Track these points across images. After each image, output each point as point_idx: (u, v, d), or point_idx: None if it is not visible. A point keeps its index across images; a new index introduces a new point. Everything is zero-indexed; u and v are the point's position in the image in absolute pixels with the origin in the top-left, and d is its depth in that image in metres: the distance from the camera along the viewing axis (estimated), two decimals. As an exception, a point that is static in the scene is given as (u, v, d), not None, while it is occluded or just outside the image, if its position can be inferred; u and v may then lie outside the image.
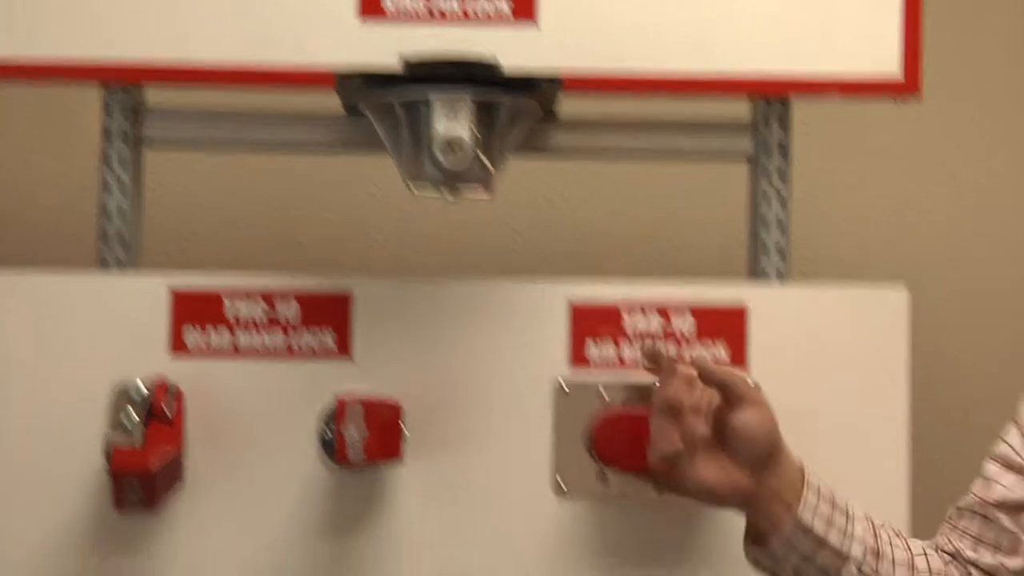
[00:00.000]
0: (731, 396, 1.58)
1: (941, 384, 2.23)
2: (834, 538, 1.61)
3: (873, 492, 1.77)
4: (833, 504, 1.62)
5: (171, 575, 1.77)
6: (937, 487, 2.06)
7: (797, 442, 1.75)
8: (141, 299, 1.78)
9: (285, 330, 1.79)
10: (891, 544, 1.65)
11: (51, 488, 1.76)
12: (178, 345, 1.78)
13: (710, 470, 1.59)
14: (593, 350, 1.80)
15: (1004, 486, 1.64)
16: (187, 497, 1.76)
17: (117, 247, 1.83)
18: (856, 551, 1.61)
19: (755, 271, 1.86)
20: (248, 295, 1.79)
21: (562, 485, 1.77)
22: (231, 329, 1.79)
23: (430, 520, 1.78)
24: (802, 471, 1.62)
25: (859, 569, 1.62)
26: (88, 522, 1.76)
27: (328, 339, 1.79)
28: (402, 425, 1.74)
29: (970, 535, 1.66)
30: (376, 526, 1.77)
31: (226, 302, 1.79)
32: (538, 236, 2.22)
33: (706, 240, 2.23)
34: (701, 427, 1.58)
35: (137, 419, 1.71)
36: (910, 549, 1.66)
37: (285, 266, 2.20)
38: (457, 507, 1.78)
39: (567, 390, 1.78)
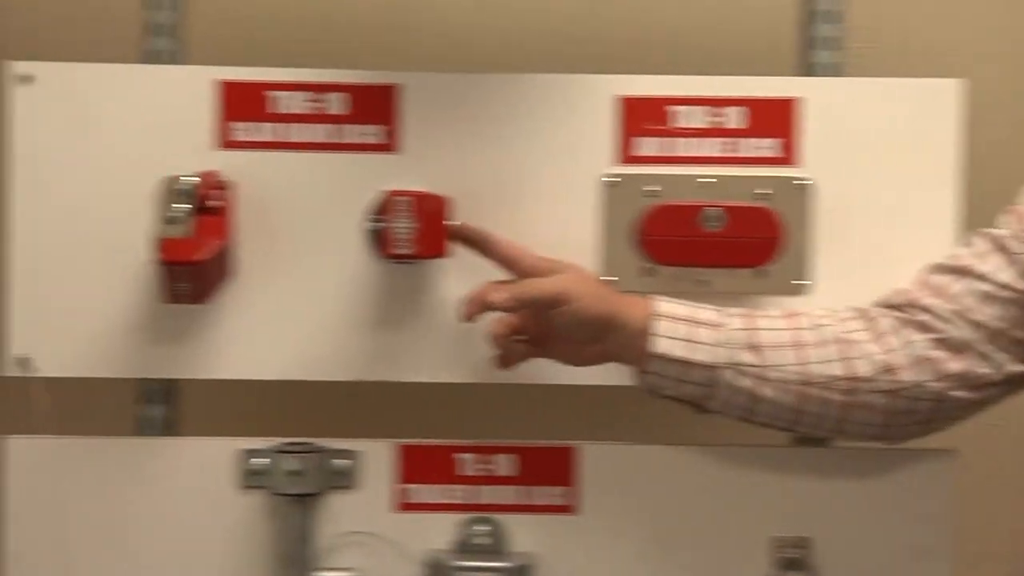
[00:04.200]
0: (540, 308, 1.67)
1: (990, 180, 2.19)
2: (700, 355, 1.65)
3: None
4: (693, 321, 1.66)
5: (220, 365, 1.79)
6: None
7: (847, 234, 1.76)
8: (188, 91, 1.78)
9: (332, 122, 1.78)
10: (773, 329, 1.67)
11: (103, 281, 1.78)
12: (225, 137, 1.78)
13: (559, 351, 1.71)
14: (641, 144, 1.79)
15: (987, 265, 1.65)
16: (236, 289, 1.78)
17: (163, 39, 1.82)
18: (727, 357, 1.65)
19: (807, 64, 1.83)
20: (295, 87, 1.78)
21: (609, 280, 1.77)
22: (278, 121, 1.78)
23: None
24: (649, 306, 1.66)
25: (738, 371, 1.65)
26: (139, 314, 1.78)
27: (376, 132, 1.79)
28: (449, 219, 1.74)
29: (931, 286, 1.68)
30: (422, 318, 1.78)
31: (273, 94, 1.78)
32: (585, 29, 2.18)
33: (756, 34, 2.19)
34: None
35: (185, 211, 1.72)
36: (799, 327, 1.68)
37: (332, 62, 2.19)
38: (504, 300, 1.78)
39: (614, 185, 1.77)
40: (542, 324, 1.70)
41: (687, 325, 1.66)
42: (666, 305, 1.67)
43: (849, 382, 1.66)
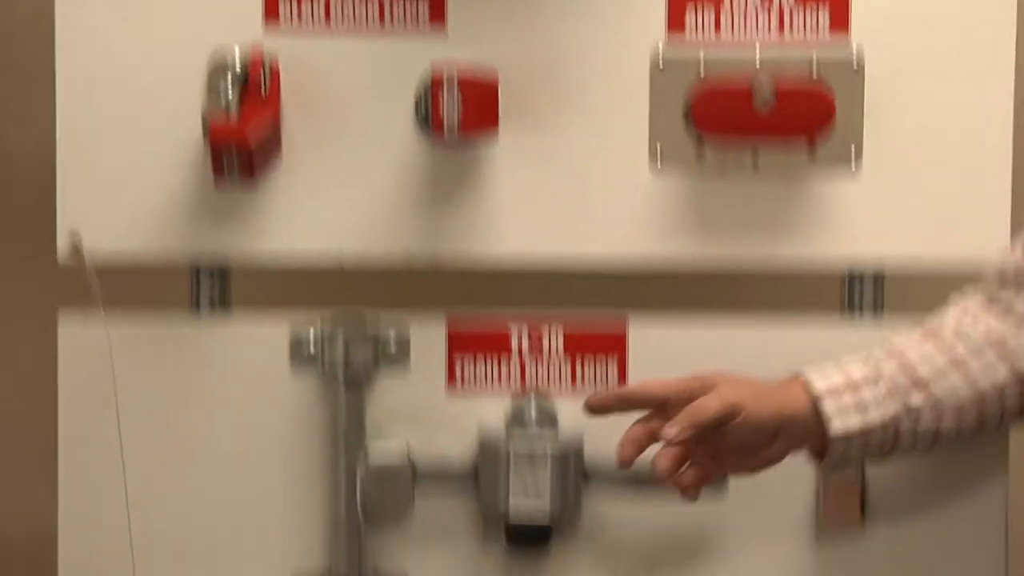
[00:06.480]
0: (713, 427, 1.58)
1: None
2: (874, 418, 1.61)
3: (976, 155, 1.77)
4: (853, 386, 1.61)
5: (268, 246, 1.79)
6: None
7: (899, 114, 1.74)
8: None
9: (379, 1, 1.76)
10: (926, 358, 1.63)
11: (153, 160, 1.78)
12: (271, 16, 1.76)
13: (735, 463, 1.62)
14: (692, 18, 1.76)
15: None
16: (284, 170, 1.77)
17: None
18: (899, 407, 1.61)
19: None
20: (341, -38, 1.77)
21: (658, 158, 1.76)
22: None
23: (525, 194, 1.78)
24: (806, 391, 1.61)
25: (914, 417, 1.62)
26: (189, 195, 1.78)
27: (422, 9, 1.76)
28: (498, 97, 1.72)
29: None
30: (471, 199, 1.78)
31: (319, -31, 1.77)
32: None
33: None
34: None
35: (234, 91, 1.72)
36: (947, 344, 1.63)
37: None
38: (552, 180, 1.78)
39: (665, 62, 1.75)
40: (710, 443, 1.60)
41: (850, 393, 1.61)
42: (821, 380, 1.62)
43: (1019, 381, 1.62)
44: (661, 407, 1.61)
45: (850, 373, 1.63)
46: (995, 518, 1.81)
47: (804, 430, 1.61)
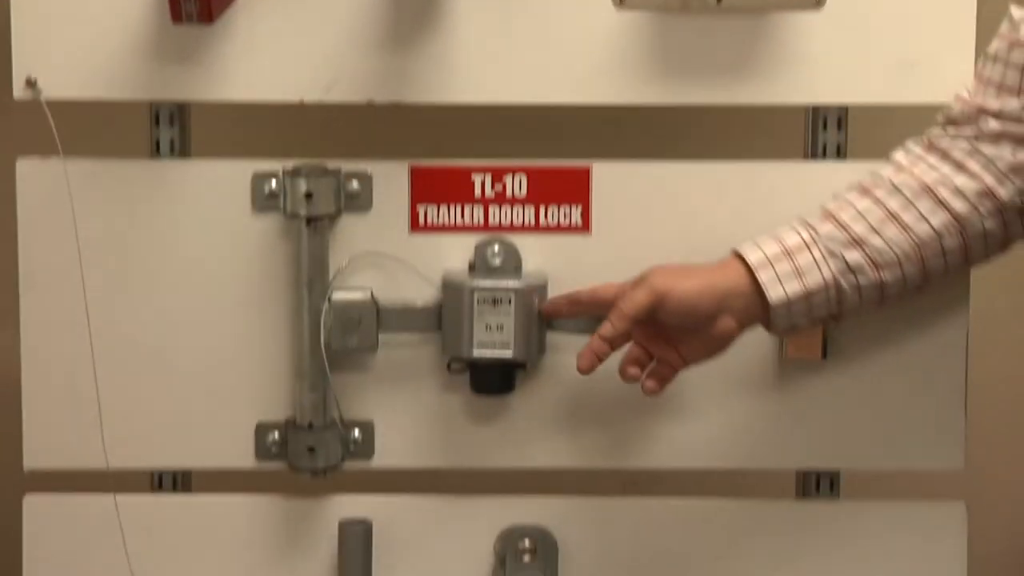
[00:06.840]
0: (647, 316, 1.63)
1: None
2: (812, 282, 1.63)
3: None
4: (788, 253, 1.63)
5: (226, 86, 1.77)
6: None
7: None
8: None
9: None
10: (860, 215, 1.64)
11: (109, 1, 1.75)
12: None
13: (693, 350, 1.66)
14: None
15: None
16: (242, 11, 1.75)
17: None
18: (838, 266, 1.63)
19: None
20: None
21: (622, -2, 1.75)
22: None
23: (487, 33, 1.76)
24: (742, 263, 1.63)
25: (854, 273, 1.63)
26: (147, 34, 1.75)
27: None
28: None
29: (993, 83, 1.63)
30: (433, 42, 1.76)
31: None
32: None
33: None
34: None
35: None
36: (880, 199, 1.64)
37: None
38: (514, 21, 1.76)
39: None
40: (662, 336, 1.66)
41: (786, 259, 1.62)
42: (755, 252, 1.63)
43: (956, 222, 1.63)
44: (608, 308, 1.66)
45: (784, 240, 1.64)
46: (955, 354, 1.82)
47: (747, 303, 1.63)
